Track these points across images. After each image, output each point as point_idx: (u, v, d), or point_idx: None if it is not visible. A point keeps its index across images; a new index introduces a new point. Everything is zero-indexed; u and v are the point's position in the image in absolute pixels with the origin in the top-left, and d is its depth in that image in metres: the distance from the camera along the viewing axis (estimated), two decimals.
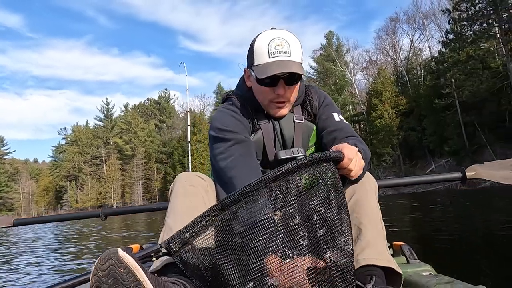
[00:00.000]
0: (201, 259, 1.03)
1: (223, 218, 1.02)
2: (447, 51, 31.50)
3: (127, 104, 78.64)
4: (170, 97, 77.41)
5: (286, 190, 1.01)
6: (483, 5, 28.04)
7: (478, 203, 10.46)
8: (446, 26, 34.07)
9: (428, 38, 45.37)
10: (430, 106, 33.40)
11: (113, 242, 7.06)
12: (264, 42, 1.43)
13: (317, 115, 1.62)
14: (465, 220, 6.43)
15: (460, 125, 31.28)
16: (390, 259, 1.21)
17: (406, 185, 2.37)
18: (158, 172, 67.33)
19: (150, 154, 68.28)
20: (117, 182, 70.64)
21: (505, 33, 27.65)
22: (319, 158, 1.05)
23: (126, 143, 70.52)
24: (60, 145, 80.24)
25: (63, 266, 4.47)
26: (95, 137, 74.75)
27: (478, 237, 4.36)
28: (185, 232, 1.02)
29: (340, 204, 1.05)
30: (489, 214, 6.96)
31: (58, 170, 77.57)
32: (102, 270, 0.91)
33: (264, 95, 1.48)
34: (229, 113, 1.54)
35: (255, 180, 1.00)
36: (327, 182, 1.04)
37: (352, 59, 53.03)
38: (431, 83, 35.97)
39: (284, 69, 1.38)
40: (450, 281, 1.27)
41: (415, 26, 47.08)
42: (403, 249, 1.74)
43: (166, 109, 75.54)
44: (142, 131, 70.11)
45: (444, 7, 33.17)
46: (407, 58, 47.16)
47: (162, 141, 69.07)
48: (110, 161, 72.18)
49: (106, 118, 75.09)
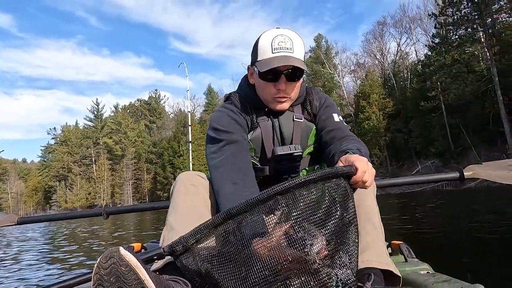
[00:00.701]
0: (200, 266, 1.03)
1: (226, 228, 1.01)
2: (433, 54, 31.84)
3: (117, 104, 78.08)
4: (160, 97, 76.96)
5: (292, 204, 0.98)
6: (468, 10, 28.39)
7: (465, 203, 10.58)
8: (432, 30, 34.49)
9: (415, 42, 45.85)
10: (416, 108, 33.69)
11: (109, 242, 6.97)
12: (268, 39, 1.46)
13: (317, 115, 1.64)
14: (454, 220, 6.46)
15: (446, 127, 31.58)
16: (389, 261, 1.22)
17: (404, 185, 2.38)
18: (148, 172, 66.86)
19: (140, 154, 67.76)
20: (106, 182, 70.00)
21: (489, 37, 28.02)
22: (329, 174, 1.02)
23: (116, 143, 69.90)
24: (49, 145, 79.22)
25: (65, 265, 4.41)
26: (84, 137, 73.98)
27: (472, 236, 4.39)
28: (189, 239, 1.02)
29: (348, 221, 1.03)
30: (479, 214, 7.03)
31: (47, 170, 76.60)
32: (104, 268, 0.91)
33: (266, 90, 1.50)
34: (226, 113, 1.56)
35: (262, 193, 0.97)
36: (335, 198, 1.01)
37: (340, 62, 53.42)
38: (417, 86, 36.31)
39: (286, 63, 1.41)
40: (448, 280, 1.27)
41: (402, 30, 47.55)
42: (401, 248, 1.75)
43: (156, 110, 75.05)
44: (132, 131, 69.54)
45: (431, 12, 33.53)
46: (394, 61, 47.57)
47: (152, 142, 68.59)
48: (100, 161, 71.54)
49: (96, 118, 74.38)
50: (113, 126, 71.75)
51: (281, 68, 1.43)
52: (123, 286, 0.91)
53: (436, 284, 1.24)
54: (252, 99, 1.58)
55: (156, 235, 6.54)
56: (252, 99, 1.58)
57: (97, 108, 74.51)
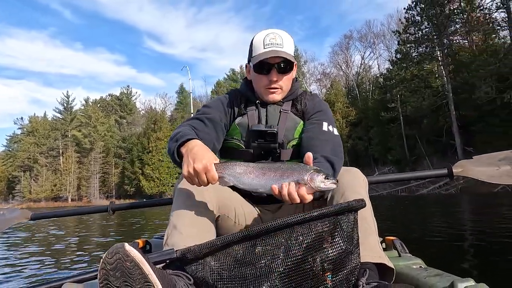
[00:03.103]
0: (209, 276, 1.05)
1: (242, 246, 1.05)
2: (394, 69, 32.76)
3: (87, 98, 75.51)
4: (132, 94, 75.24)
5: (307, 234, 1.02)
6: (428, 30, 29.52)
7: (457, 204, 10.90)
8: (394, 46, 35.55)
9: (377, 56, 47.21)
10: (377, 118, 34.58)
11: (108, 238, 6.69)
12: (261, 37, 1.59)
13: (306, 113, 1.66)
14: (447, 218, 6.64)
15: (403, 137, 32.60)
16: (382, 254, 1.23)
17: (394, 181, 2.37)
18: (116, 166, 65.31)
19: (109, 148, 66.00)
20: (73, 174, 67.66)
21: (446, 57, 29.24)
22: (344, 208, 1.04)
23: (85, 136, 67.68)
24: (16, 135, 75.73)
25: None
26: (53, 128, 71.04)
27: (462, 233, 4.52)
28: (202, 250, 1.06)
29: (351, 250, 1.05)
30: (468, 214, 7.23)
31: (12, 160, 73.12)
32: (110, 263, 0.94)
33: (259, 81, 1.61)
34: (217, 98, 1.72)
35: (281, 220, 1.01)
36: (343, 229, 1.04)
37: (308, 70, 54.09)
38: (378, 97, 37.29)
39: (275, 54, 1.51)
40: (440, 274, 1.29)
41: (366, 44, 48.91)
42: (395, 243, 1.75)
43: (127, 106, 73.33)
44: (102, 125, 67.58)
45: (394, 29, 34.60)
46: (358, 73, 48.74)
47: (122, 137, 66.98)
48: (67, 153, 68.96)
49: (66, 111, 71.68)
50: (83, 119, 69.48)
51: (272, 61, 1.54)
52: (128, 280, 0.93)
53: (429, 278, 1.26)
54: (245, 93, 1.70)
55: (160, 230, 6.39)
56: (245, 93, 1.69)
57: (67, 100, 71.86)
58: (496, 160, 2.08)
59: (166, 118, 61.67)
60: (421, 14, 29.40)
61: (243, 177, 1.23)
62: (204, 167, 1.20)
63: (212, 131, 1.56)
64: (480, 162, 2.12)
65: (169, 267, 1.13)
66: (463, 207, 10.78)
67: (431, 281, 1.23)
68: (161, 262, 1.10)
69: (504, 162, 2.07)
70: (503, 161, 2.08)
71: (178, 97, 69.27)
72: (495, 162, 2.08)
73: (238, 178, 1.24)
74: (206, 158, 1.22)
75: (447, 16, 28.05)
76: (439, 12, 27.92)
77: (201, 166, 1.20)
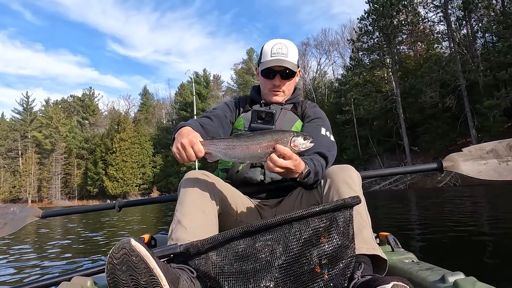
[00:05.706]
0: (212, 270, 1.06)
1: (242, 242, 1.05)
2: (349, 74, 33.77)
3: (48, 99, 71.30)
4: (94, 95, 72.28)
5: (304, 230, 1.03)
6: (379, 39, 30.76)
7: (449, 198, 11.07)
8: (348, 53, 36.75)
9: (332, 63, 48.51)
10: (332, 120, 35.32)
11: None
12: (269, 46, 1.72)
13: (305, 117, 1.77)
14: (438, 214, 6.46)
15: (356, 138, 33.65)
16: (376, 246, 1.24)
17: (386, 176, 2.40)
18: (79, 167, 62.44)
19: (71, 149, 62.78)
20: (33, 176, 63.86)
21: (395, 63, 30.62)
22: (340, 205, 1.05)
23: (46, 137, 63.92)
24: None
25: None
26: (11, 129, 66.40)
27: (453, 228, 4.39)
28: (204, 245, 1.06)
29: (347, 245, 1.06)
30: (460, 209, 7.44)
31: None
32: (117, 258, 0.94)
33: (265, 85, 1.78)
34: (225, 101, 1.91)
35: (280, 217, 1.03)
36: (339, 224, 1.05)
37: None
38: (334, 100, 38.32)
39: (279, 63, 1.66)
40: (431, 268, 1.30)
41: (322, 51, 50.05)
42: (388, 238, 1.75)
43: (89, 107, 70.15)
44: (63, 126, 64.20)
45: (348, 38, 35.74)
46: (314, 78, 49.75)
47: (84, 138, 64.10)
48: (27, 154, 64.96)
49: (25, 112, 67.39)
50: (44, 120, 65.56)
51: (277, 68, 1.69)
52: (134, 274, 0.94)
53: (420, 272, 1.27)
54: (252, 95, 1.87)
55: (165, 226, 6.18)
56: (252, 95, 1.87)
57: (27, 101, 67.54)
58: (484, 153, 2.04)
59: (130, 119, 59.91)
60: (373, 24, 30.60)
61: (229, 151, 1.28)
62: (189, 141, 1.27)
63: (218, 125, 1.67)
64: (469, 155, 2.07)
65: (173, 261, 1.14)
66: (418, 201, 11.02)
67: (423, 275, 1.24)
68: (166, 257, 1.12)
69: (491, 155, 2.04)
70: (490, 154, 2.04)
71: (142, 99, 67.55)
72: (483, 155, 2.04)
73: (224, 152, 1.29)
74: (191, 135, 1.30)
75: (396, 27, 29.42)
76: (388, 23, 29.19)
77: (186, 141, 1.27)
